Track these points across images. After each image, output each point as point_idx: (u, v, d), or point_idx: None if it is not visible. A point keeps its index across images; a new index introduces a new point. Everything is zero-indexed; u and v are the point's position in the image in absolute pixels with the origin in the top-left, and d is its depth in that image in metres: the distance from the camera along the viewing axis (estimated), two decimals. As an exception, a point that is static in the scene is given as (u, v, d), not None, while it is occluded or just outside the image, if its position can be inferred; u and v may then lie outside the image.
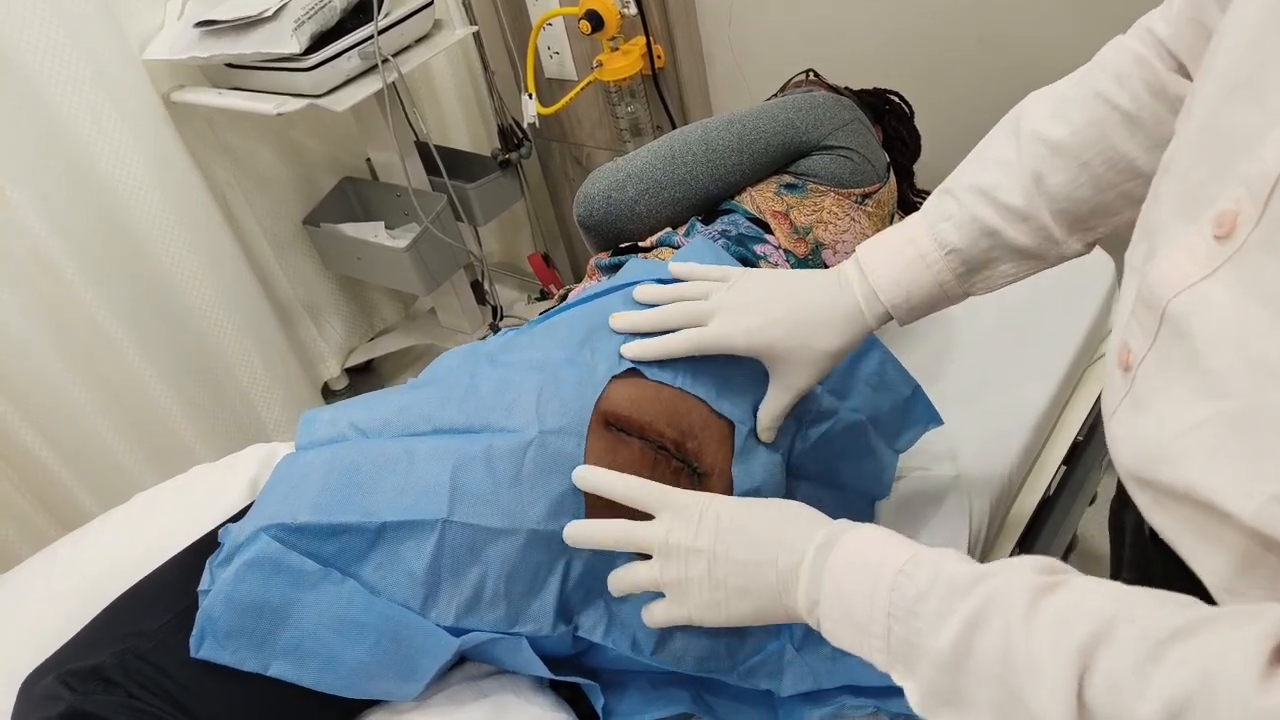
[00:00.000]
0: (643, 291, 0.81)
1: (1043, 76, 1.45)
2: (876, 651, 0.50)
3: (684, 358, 0.77)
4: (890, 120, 1.28)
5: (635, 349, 0.77)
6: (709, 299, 0.76)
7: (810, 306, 0.72)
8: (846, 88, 1.28)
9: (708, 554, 0.60)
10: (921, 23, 1.45)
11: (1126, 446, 0.50)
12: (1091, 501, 1.29)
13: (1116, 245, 0.78)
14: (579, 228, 1.10)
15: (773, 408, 0.77)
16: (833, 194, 1.09)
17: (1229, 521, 0.40)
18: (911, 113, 1.31)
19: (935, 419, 0.94)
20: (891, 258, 0.71)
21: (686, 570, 0.61)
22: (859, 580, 0.52)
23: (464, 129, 2.03)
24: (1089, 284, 1.18)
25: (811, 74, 1.31)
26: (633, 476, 0.68)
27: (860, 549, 0.54)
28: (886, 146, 1.22)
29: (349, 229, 1.83)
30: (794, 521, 0.59)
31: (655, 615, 0.65)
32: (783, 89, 1.31)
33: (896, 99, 1.30)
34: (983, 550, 0.98)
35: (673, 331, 0.76)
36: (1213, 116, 0.45)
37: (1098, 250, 1.23)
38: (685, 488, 0.77)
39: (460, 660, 0.76)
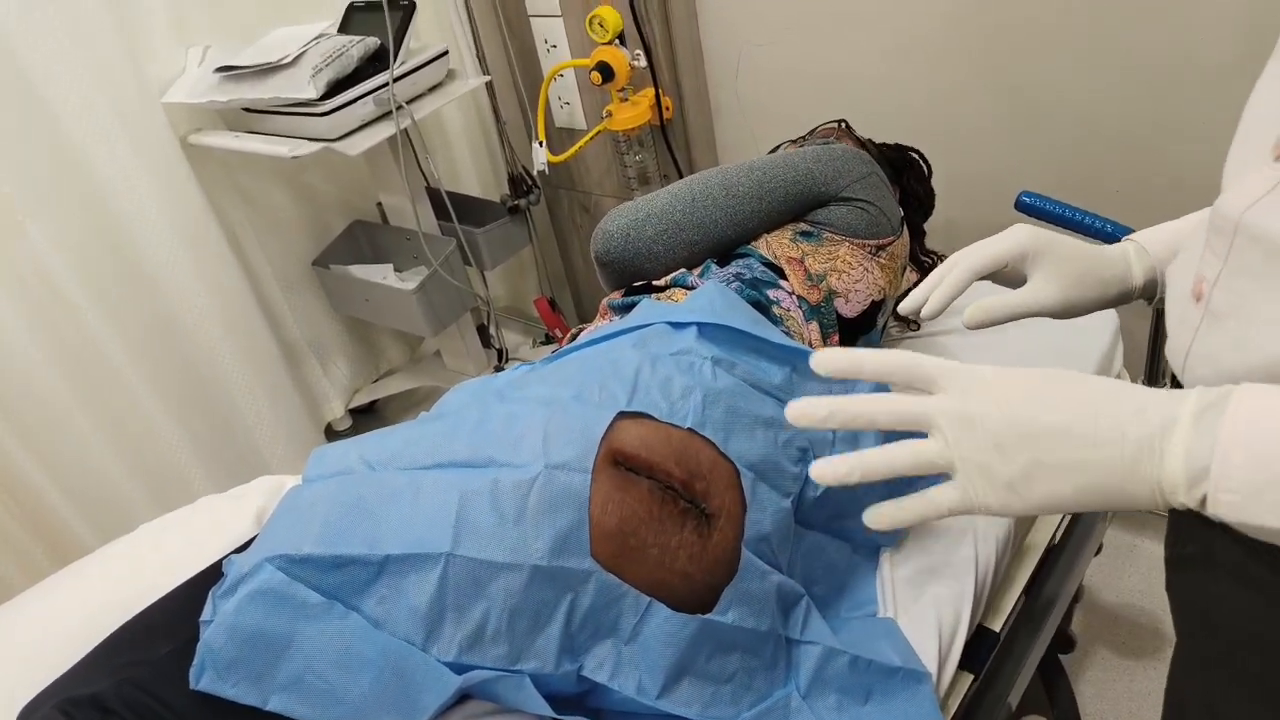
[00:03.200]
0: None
1: (1051, 129, 1.48)
2: None
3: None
4: (909, 178, 1.30)
5: (931, 306, 0.74)
6: None
7: (1081, 242, 0.73)
8: (870, 139, 1.30)
9: (1002, 424, 0.50)
10: (930, 77, 1.48)
11: (1231, 356, 0.51)
12: (1097, 552, 1.28)
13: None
14: (595, 263, 1.11)
15: (1013, 300, 0.71)
16: (848, 244, 1.11)
17: None
18: (930, 172, 1.33)
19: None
20: (1161, 228, 0.73)
21: (975, 444, 0.51)
22: None
23: (474, 175, 2.06)
24: (1093, 332, 1.19)
25: (843, 124, 1.33)
26: (889, 351, 0.57)
27: (1275, 406, 0.45)
28: (902, 203, 1.25)
29: (358, 270, 1.85)
30: (1122, 386, 0.50)
31: (941, 502, 0.54)
32: (811, 134, 1.34)
33: (917, 156, 1.32)
34: (988, 598, 0.97)
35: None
36: (1266, 84, 0.51)
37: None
38: (692, 529, 0.77)
39: (462, 698, 0.75)
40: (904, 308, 0.77)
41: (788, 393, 0.91)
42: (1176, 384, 1.28)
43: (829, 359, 0.56)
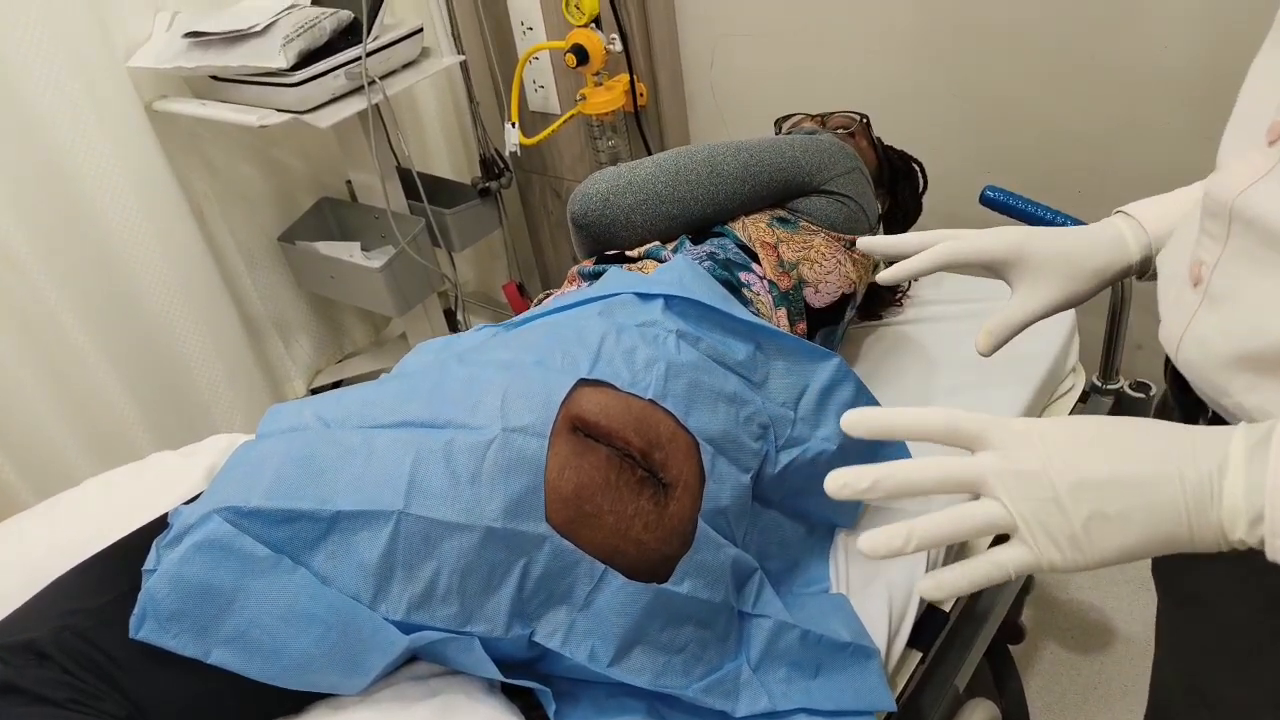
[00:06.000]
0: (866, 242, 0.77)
1: (1015, 129, 1.50)
2: None
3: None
4: (904, 188, 1.32)
5: (888, 273, 0.73)
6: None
7: (1070, 233, 0.71)
8: (879, 138, 1.31)
9: (1058, 478, 0.48)
10: (899, 75, 1.50)
11: (1219, 340, 0.51)
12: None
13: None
14: (570, 225, 1.10)
15: (1010, 316, 0.70)
16: (824, 234, 1.12)
17: None
18: (925, 187, 1.34)
19: (904, 454, 0.95)
20: (1154, 203, 0.71)
21: (1035, 502, 0.48)
22: None
23: (445, 156, 2.05)
24: (1049, 327, 1.21)
25: (864, 120, 1.33)
26: (925, 409, 0.54)
27: None
28: (890, 209, 1.26)
29: (324, 247, 1.83)
30: (1170, 429, 0.48)
31: (1007, 564, 0.49)
32: (830, 115, 1.34)
33: (918, 167, 1.33)
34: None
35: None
36: (1264, 65, 0.51)
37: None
38: (649, 498, 0.77)
39: (410, 658, 0.74)
40: (863, 242, 0.77)
41: (751, 369, 0.91)
42: (1140, 385, 1.29)
43: (861, 420, 0.53)
